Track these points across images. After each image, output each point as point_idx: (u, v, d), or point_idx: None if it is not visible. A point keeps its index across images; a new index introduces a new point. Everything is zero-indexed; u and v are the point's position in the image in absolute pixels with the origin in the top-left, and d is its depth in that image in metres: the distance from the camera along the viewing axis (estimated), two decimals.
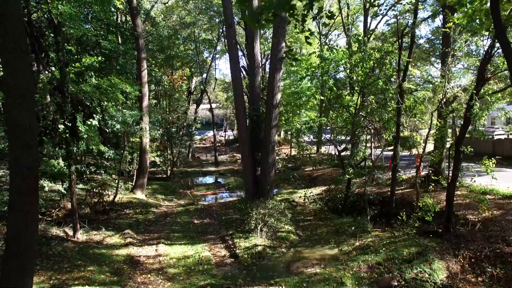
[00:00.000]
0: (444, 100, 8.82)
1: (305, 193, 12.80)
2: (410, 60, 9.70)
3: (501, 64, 7.48)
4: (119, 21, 18.68)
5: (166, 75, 21.13)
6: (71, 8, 8.57)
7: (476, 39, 10.23)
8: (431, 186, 9.84)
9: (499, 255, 6.43)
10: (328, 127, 16.36)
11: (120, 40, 16.99)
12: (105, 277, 6.71)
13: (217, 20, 24.92)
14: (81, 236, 8.71)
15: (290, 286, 6.25)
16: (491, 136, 21.51)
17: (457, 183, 11.16)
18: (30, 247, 3.11)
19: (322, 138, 15.96)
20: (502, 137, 21.64)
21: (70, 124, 8.26)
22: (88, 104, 8.93)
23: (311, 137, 20.75)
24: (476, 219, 7.96)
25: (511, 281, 5.82)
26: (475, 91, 7.09)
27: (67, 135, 8.28)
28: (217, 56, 32.57)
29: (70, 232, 8.72)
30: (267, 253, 8.40)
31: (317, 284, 6.28)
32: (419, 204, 8.64)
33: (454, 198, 8.43)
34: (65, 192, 10.47)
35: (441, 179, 9.54)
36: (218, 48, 28.57)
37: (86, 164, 14.02)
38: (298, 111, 19.84)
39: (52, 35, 8.82)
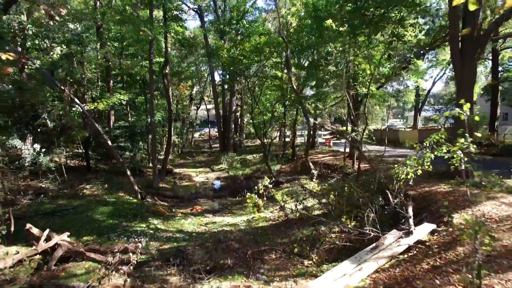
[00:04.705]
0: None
1: (253, 156, 26.12)
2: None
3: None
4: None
5: (176, 89, 34.50)
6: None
7: None
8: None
9: (300, 165, 19.63)
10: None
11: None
12: None
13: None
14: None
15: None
16: (394, 129, 34.98)
17: (319, 149, 24.56)
18: (171, 139, 15.90)
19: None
20: (402, 129, 35.07)
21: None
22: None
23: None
24: (302, 155, 21.15)
25: (295, 168, 19.02)
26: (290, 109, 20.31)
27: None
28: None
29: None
30: (226, 169, 21.71)
31: (235, 170, 19.62)
32: (288, 152, 21.98)
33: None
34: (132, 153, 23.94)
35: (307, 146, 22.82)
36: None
37: None
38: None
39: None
